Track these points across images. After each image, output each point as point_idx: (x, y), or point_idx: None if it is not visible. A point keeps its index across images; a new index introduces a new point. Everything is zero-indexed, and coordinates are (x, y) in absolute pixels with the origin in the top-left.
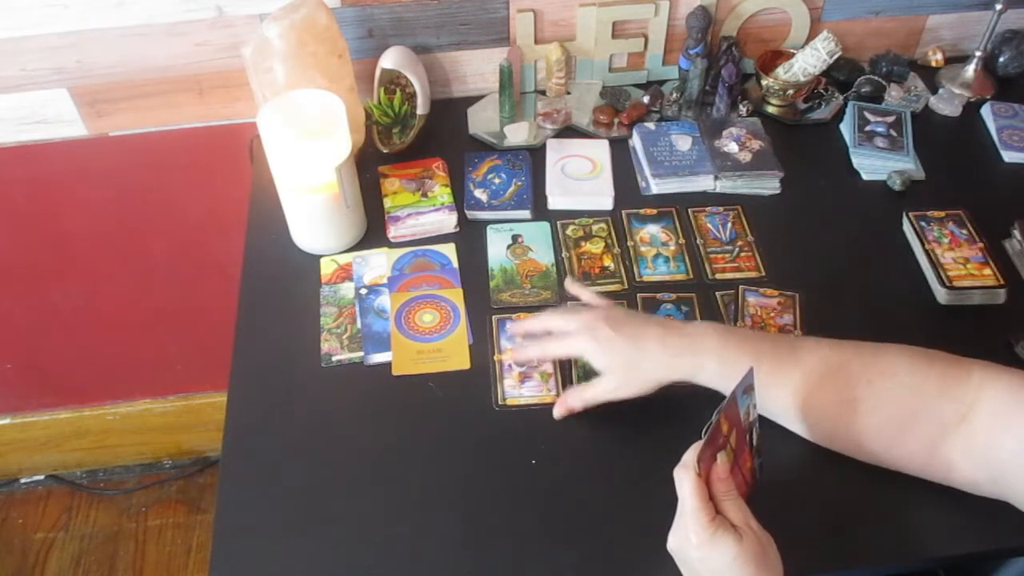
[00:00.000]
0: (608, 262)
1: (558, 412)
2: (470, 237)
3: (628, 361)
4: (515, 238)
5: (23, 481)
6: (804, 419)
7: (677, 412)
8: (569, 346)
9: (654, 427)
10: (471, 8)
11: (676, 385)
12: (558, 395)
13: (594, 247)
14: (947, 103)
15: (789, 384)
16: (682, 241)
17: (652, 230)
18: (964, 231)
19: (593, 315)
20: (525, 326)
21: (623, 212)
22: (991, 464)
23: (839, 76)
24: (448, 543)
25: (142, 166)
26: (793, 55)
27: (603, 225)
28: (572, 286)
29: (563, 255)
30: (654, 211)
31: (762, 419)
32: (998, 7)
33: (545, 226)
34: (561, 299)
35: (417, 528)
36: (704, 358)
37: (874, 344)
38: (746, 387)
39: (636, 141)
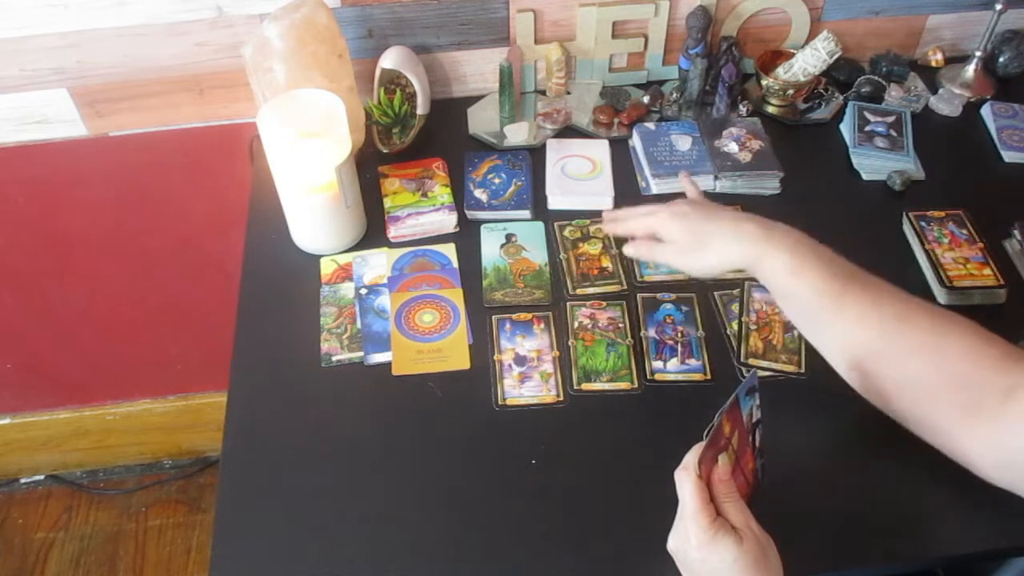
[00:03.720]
0: (606, 263)
1: (628, 249)
2: (470, 237)
3: (698, 235)
4: (509, 237)
5: (23, 481)
6: (851, 351)
7: (678, 412)
8: (649, 221)
9: (655, 428)
10: (471, 8)
11: (677, 385)
12: (558, 395)
13: (592, 248)
14: (947, 103)
15: (854, 308)
16: None
17: None
18: (964, 231)
19: (680, 199)
20: (615, 212)
21: None
22: (1014, 450)
23: (839, 76)
24: (448, 542)
25: (142, 166)
26: (793, 55)
27: (600, 226)
28: (684, 179)
29: (560, 256)
30: None
31: (763, 421)
32: (998, 7)
33: (539, 226)
34: (555, 300)
35: (417, 527)
36: (775, 249)
37: (937, 306)
38: (748, 388)
39: (636, 141)
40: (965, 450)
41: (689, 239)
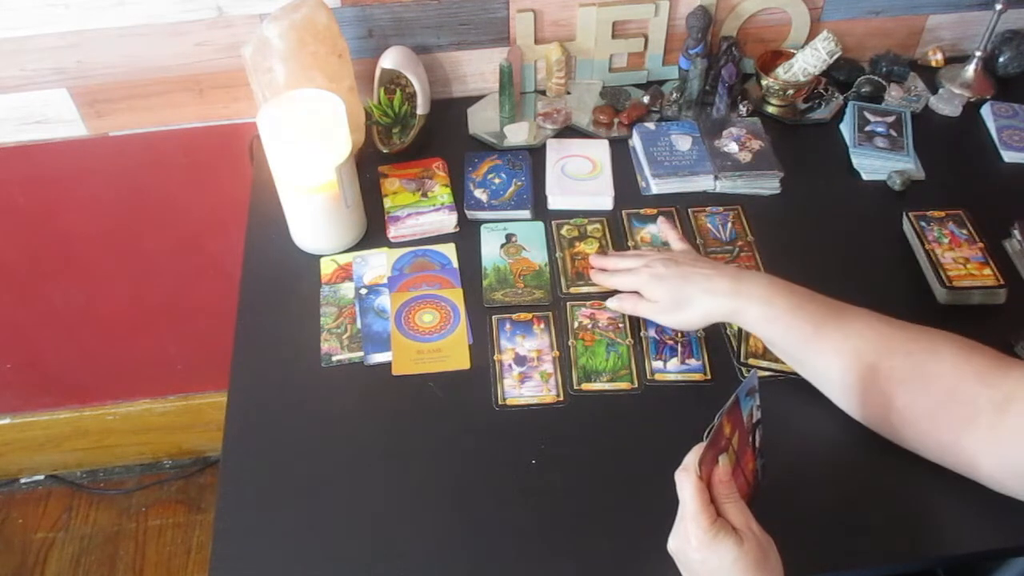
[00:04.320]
0: None
1: (611, 303)
2: (470, 237)
3: (676, 297)
4: (509, 237)
5: (23, 481)
6: (838, 382)
7: (678, 412)
8: (630, 280)
9: (655, 428)
10: (471, 8)
11: (677, 385)
12: (558, 395)
13: (588, 247)
14: (947, 103)
15: (829, 344)
16: None
17: (653, 230)
18: (964, 231)
19: (658, 255)
20: (601, 261)
21: (623, 212)
22: (1018, 459)
23: (839, 76)
24: (448, 543)
25: (142, 166)
26: (793, 55)
27: (598, 225)
28: (663, 225)
29: (557, 255)
30: (654, 211)
31: (763, 422)
32: (998, 7)
33: (539, 226)
34: (555, 299)
35: (417, 528)
36: (748, 302)
37: (921, 326)
38: (749, 389)
39: (636, 141)
40: (969, 464)
41: (668, 299)
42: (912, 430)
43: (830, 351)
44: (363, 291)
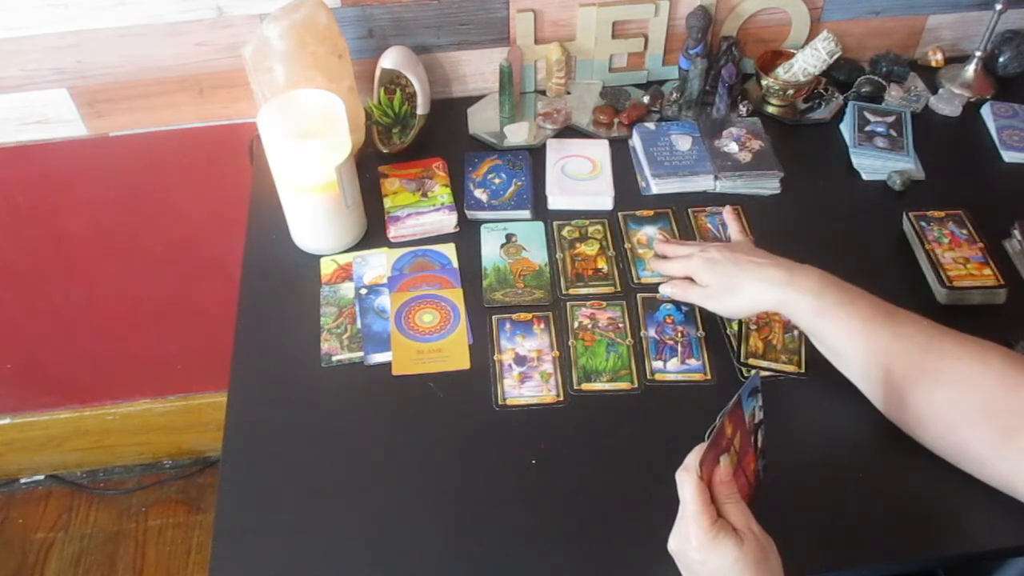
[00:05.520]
0: (602, 264)
1: (663, 289)
2: (470, 237)
3: (727, 283)
4: (509, 237)
5: (23, 481)
6: (881, 382)
7: (678, 413)
8: (684, 265)
9: (655, 428)
10: (471, 8)
11: (677, 385)
12: (558, 395)
13: (589, 248)
14: (947, 103)
15: (877, 343)
16: None
17: (649, 231)
18: (964, 231)
19: (716, 244)
20: (663, 248)
21: (620, 214)
22: None
23: (839, 76)
24: (447, 543)
25: (142, 166)
26: (793, 55)
27: (599, 227)
28: (727, 216)
29: (557, 256)
30: (651, 212)
31: (766, 422)
32: (998, 7)
33: (539, 226)
34: (555, 299)
35: (416, 528)
36: (799, 294)
37: (969, 335)
38: (752, 389)
39: (636, 141)
40: (1007, 477)
41: (719, 285)
42: (953, 436)
43: (879, 350)
44: (363, 291)
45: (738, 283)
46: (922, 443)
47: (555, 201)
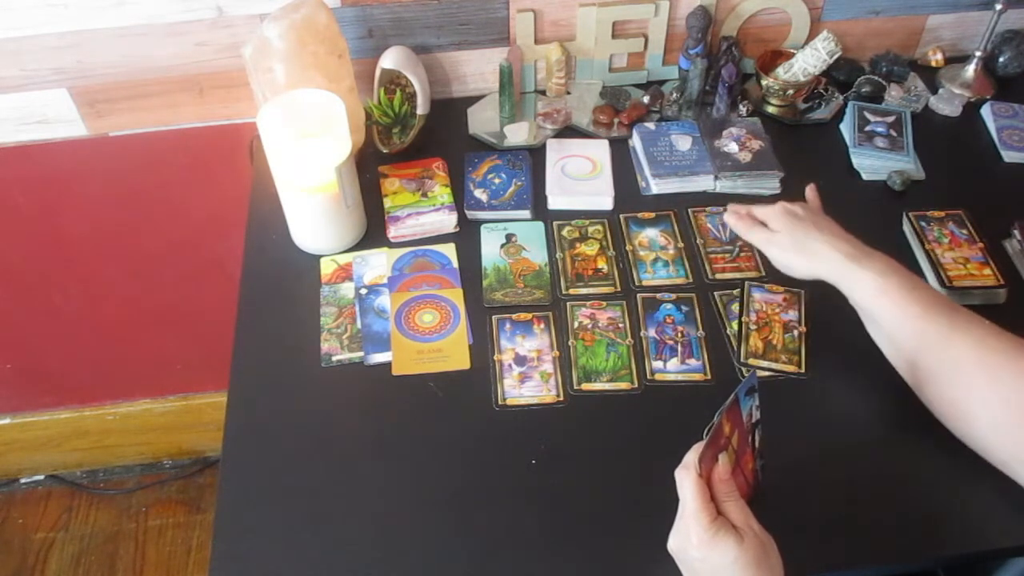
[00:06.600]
0: (602, 264)
1: (728, 217)
2: (470, 237)
3: (799, 237)
4: (509, 237)
5: (23, 481)
6: (931, 371)
7: (678, 412)
8: (765, 209)
9: (655, 428)
10: (471, 8)
11: (677, 385)
12: (558, 395)
13: (589, 249)
14: (947, 103)
15: (936, 330)
16: (681, 245)
17: (651, 234)
18: (964, 231)
19: (801, 203)
20: (736, 207)
21: (621, 216)
22: None
23: (839, 76)
24: (447, 543)
25: (142, 166)
26: (793, 55)
27: (599, 227)
28: (810, 194)
29: (557, 256)
30: (652, 215)
31: (763, 421)
32: (998, 7)
33: (539, 226)
34: (555, 299)
35: (416, 527)
36: (863, 272)
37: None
38: (749, 388)
39: (636, 141)
40: None
41: (789, 236)
42: (995, 435)
43: (935, 339)
44: (363, 291)
45: (811, 244)
46: (959, 436)
47: (555, 201)
